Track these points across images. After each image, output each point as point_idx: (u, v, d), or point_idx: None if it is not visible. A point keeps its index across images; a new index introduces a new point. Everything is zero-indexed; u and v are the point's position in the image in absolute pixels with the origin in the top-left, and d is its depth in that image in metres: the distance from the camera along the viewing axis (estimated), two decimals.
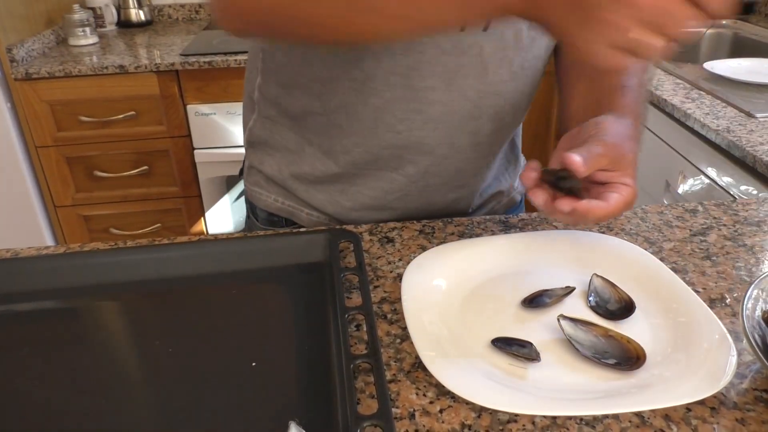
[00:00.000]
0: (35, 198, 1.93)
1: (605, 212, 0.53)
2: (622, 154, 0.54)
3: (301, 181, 0.74)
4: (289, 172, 0.74)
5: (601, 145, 0.54)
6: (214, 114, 1.87)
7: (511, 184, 0.84)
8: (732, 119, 1.23)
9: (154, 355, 0.52)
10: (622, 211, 0.54)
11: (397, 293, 0.58)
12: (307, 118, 0.70)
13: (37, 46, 1.90)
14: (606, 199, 0.53)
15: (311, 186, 0.74)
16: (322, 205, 0.74)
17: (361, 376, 0.48)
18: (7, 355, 0.52)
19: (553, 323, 0.52)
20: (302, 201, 0.75)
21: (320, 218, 0.75)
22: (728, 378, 0.45)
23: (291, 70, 0.69)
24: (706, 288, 0.59)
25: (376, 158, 0.69)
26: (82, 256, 0.63)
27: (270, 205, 0.78)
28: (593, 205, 0.52)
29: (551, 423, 0.44)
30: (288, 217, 0.77)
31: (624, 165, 0.55)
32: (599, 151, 0.53)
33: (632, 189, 0.54)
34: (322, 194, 0.74)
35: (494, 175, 0.79)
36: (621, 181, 0.54)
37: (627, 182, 0.54)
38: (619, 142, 0.55)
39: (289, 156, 0.74)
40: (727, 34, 1.98)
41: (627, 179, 0.55)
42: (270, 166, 0.76)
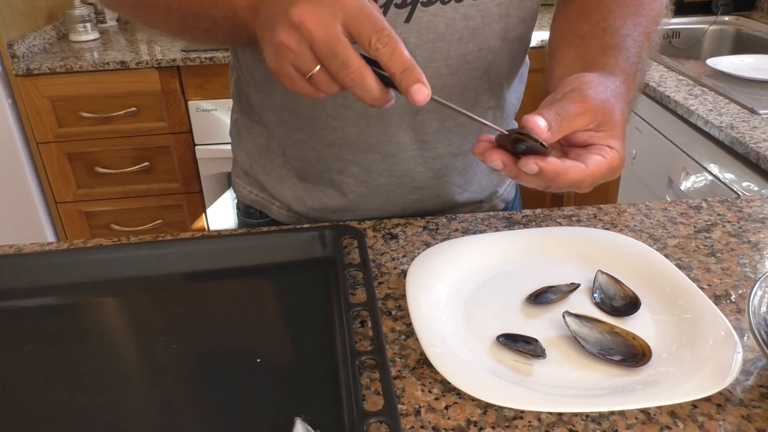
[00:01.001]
0: (36, 194, 1.93)
1: (582, 175, 0.47)
2: (607, 112, 0.48)
3: (270, 175, 0.75)
4: (259, 165, 0.75)
5: (579, 102, 0.48)
6: (215, 110, 1.87)
7: (494, 192, 0.79)
8: (735, 116, 1.23)
9: (159, 351, 0.52)
10: (604, 176, 0.48)
11: (401, 290, 0.58)
12: (265, 114, 0.71)
13: (38, 41, 1.90)
14: (585, 161, 0.47)
15: (278, 182, 0.74)
16: (288, 201, 0.75)
17: (366, 373, 0.48)
18: (10, 351, 0.52)
19: (558, 320, 0.52)
20: (271, 194, 0.76)
21: (289, 214, 0.76)
22: (734, 375, 0.45)
23: (250, 67, 0.70)
24: (711, 285, 0.59)
25: (323, 156, 0.69)
26: (85, 252, 0.63)
27: (245, 197, 0.79)
28: (567, 165, 0.46)
29: (557, 419, 0.44)
30: (261, 209, 0.78)
31: (610, 125, 0.49)
32: (575, 110, 0.47)
33: (618, 153, 0.48)
34: (288, 191, 0.74)
35: (468, 180, 0.74)
36: (605, 143, 0.49)
37: (612, 144, 0.48)
38: (605, 98, 0.49)
39: (258, 150, 0.75)
40: (729, 31, 1.97)
41: (612, 141, 0.49)
42: (243, 160, 0.77)
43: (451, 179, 0.73)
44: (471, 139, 0.71)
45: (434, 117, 0.66)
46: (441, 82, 0.63)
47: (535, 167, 0.46)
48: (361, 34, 0.42)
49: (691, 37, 1.98)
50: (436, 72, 0.62)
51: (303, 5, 0.42)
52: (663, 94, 1.39)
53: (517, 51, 0.68)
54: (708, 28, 1.96)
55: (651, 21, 0.62)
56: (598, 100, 0.49)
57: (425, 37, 0.60)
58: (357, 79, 0.43)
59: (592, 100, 0.48)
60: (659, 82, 1.46)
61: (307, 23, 0.41)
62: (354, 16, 0.42)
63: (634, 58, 0.57)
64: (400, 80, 0.42)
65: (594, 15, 0.61)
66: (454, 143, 0.69)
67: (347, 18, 0.42)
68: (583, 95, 0.49)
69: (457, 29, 0.60)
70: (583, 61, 0.57)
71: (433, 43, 0.60)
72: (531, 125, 0.46)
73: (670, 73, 1.53)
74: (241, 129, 0.77)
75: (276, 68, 0.45)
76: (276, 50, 0.43)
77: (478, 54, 0.63)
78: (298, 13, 0.42)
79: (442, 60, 0.61)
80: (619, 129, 0.50)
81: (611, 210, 0.72)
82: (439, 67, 0.62)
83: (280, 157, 0.72)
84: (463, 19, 0.60)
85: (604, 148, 0.49)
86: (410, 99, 0.43)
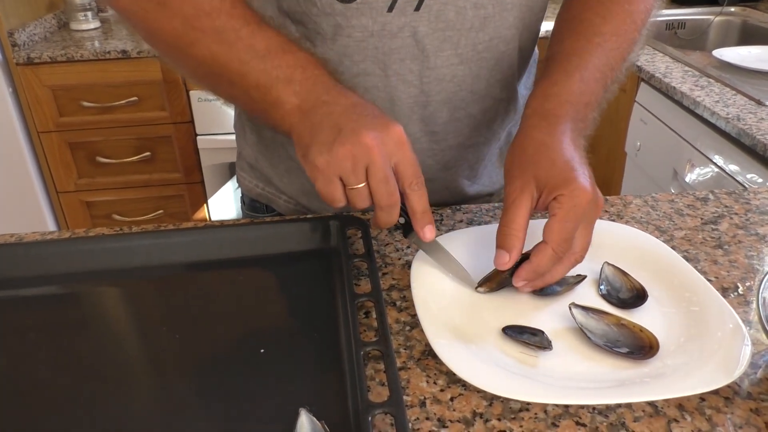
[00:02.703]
0: (37, 183, 1.92)
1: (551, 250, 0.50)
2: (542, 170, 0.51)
3: (276, 168, 0.74)
4: (265, 159, 0.74)
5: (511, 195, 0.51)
6: (217, 100, 1.86)
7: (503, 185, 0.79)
8: (742, 107, 1.22)
9: (161, 342, 0.52)
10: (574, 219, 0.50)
11: (405, 280, 0.58)
12: None
13: (39, 30, 1.89)
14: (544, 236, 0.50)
15: (284, 175, 0.73)
16: (295, 194, 0.74)
17: (371, 364, 0.48)
18: (12, 340, 0.52)
19: (565, 311, 0.52)
20: (277, 188, 0.75)
21: (297, 207, 0.75)
22: (742, 368, 0.44)
23: None
24: (719, 277, 0.58)
25: None
26: (87, 241, 0.62)
27: (251, 191, 0.78)
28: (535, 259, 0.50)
29: (563, 411, 0.44)
30: (267, 203, 0.77)
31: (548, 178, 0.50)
32: (513, 213, 0.51)
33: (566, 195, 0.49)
34: (294, 184, 0.73)
35: (478, 173, 0.75)
36: (552, 197, 0.50)
37: (557, 193, 0.50)
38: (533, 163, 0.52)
39: (264, 143, 0.74)
40: (735, 22, 1.96)
41: (555, 191, 0.50)
42: (249, 154, 0.76)
43: (461, 171, 0.72)
44: (482, 131, 0.70)
45: (444, 108, 0.65)
46: (451, 72, 0.62)
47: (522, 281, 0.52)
48: (407, 174, 0.50)
49: (697, 28, 1.96)
50: (446, 61, 0.61)
51: (374, 132, 0.48)
52: (669, 85, 1.38)
53: (529, 41, 0.67)
54: (714, 19, 1.95)
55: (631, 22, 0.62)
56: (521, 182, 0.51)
57: (435, 26, 0.59)
58: (392, 206, 0.51)
59: (516, 189, 0.51)
60: (665, 73, 1.45)
61: (375, 149, 0.48)
62: (407, 160, 0.50)
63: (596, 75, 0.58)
64: (419, 219, 0.52)
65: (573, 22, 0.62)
66: (464, 134, 0.68)
67: (402, 159, 0.50)
68: (508, 193, 0.52)
69: (468, 18, 0.59)
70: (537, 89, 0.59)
71: (443, 32, 0.59)
72: (499, 267, 0.52)
73: (675, 64, 1.52)
74: (246, 122, 0.76)
75: (323, 167, 0.49)
76: (333, 156, 0.48)
77: (489, 44, 0.62)
78: (371, 137, 0.48)
79: (453, 49, 0.61)
80: (556, 172, 0.51)
81: (617, 201, 0.71)
82: (449, 57, 0.61)
83: (285, 150, 0.71)
84: (474, 7, 0.59)
85: (552, 205, 0.50)
86: (421, 236, 0.53)
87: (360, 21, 0.58)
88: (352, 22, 0.58)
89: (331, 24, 0.58)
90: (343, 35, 0.59)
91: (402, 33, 0.59)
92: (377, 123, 0.50)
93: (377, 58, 0.60)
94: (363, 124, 0.49)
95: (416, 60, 0.60)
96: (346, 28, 0.58)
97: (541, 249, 0.50)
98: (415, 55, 0.60)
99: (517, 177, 0.52)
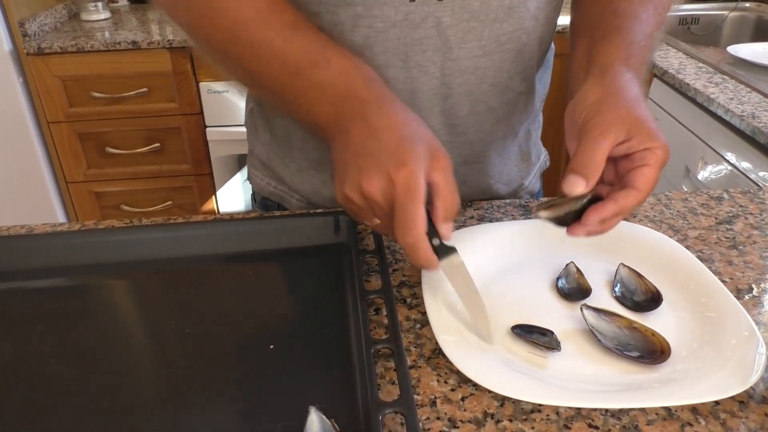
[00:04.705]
0: (47, 173, 1.93)
1: (639, 198, 0.49)
2: (626, 120, 0.49)
3: (288, 168, 0.73)
4: (278, 157, 0.73)
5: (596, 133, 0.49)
6: (226, 92, 1.86)
7: (521, 184, 0.78)
8: (757, 105, 1.21)
9: (170, 335, 0.51)
10: (657, 177, 0.49)
11: (416, 277, 0.57)
12: None
13: (50, 20, 1.89)
14: (634, 182, 0.48)
15: (297, 174, 0.72)
16: (307, 194, 0.73)
17: (381, 362, 0.48)
18: (22, 331, 0.52)
19: (576, 313, 0.51)
20: (290, 187, 0.74)
21: (308, 206, 0.74)
22: (756, 376, 0.43)
23: None
24: (733, 278, 0.57)
25: None
26: (97, 233, 0.62)
27: (263, 189, 0.77)
28: (620, 201, 0.49)
29: (576, 413, 0.44)
30: (279, 201, 0.76)
31: (637, 128, 0.49)
32: (597, 145, 0.48)
33: (659, 147, 0.49)
34: (306, 184, 0.72)
35: (498, 169, 0.73)
36: (643, 147, 0.49)
37: (649, 144, 0.49)
38: (621, 106, 0.50)
39: (277, 142, 0.73)
40: (750, 17, 1.93)
41: (647, 142, 0.49)
42: (261, 152, 0.76)
43: (482, 167, 0.72)
44: (502, 126, 0.69)
45: (465, 101, 0.64)
46: (474, 64, 0.61)
47: (597, 219, 0.49)
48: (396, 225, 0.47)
49: (711, 23, 1.94)
50: (470, 53, 0.60)
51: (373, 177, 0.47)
52: (682, 82, 1.37)
53: (548, 33, 0.66)
54: (728, 15, 1.92)
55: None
56: (613, 118, 0.49)
57: (459, 17, 0.58)
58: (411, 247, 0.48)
59: (606, 122, 0.49)
60: (678, 69, 1.43)
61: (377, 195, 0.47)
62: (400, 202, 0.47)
63: (636, 37, 0.57)
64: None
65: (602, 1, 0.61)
66: (485, 129, 0.67)
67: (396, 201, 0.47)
68: (594, 124, 0.49)
69: (492, 8, 0.58)
70: (588, 54, 0.57)
71: (467, 23, 0.58)
72: (570, 190, 0.49)
73: (689, 60, 1.50)
74: (258, 120, 0.75)
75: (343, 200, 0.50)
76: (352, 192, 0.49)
77: (512, 35, 0.61)
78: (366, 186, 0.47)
79: (476, 41, 0.60)
80: (646, 125, 0.49)
81: None
82: (473, 49, 0.60)
83: (298, 149, 0.70)
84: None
85: (644, 154, 0.49)
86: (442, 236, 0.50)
87: (382, 11, 0.57)
88: (373, 11, 0.57)
89: (351, 14, 0.57)
90: (364, 26, 0.58)
91: (425, 23, 0.58)
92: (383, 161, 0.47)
93: (398, 49, 0.59)
94: (367, 164, 0.48)
95: (438, 51, 0.59)
96: (367, 18, 0.57)
97: (630, 194, 0.49)
98: (437, 47, 0.59)
99: (605, 114, 0.50)
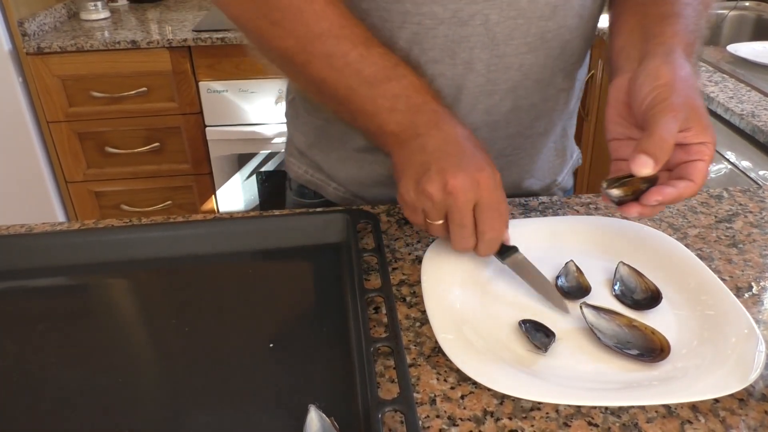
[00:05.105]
0: (47, 173, 1.93)
1: (694, 189, 0.50)
2: (690, 108, 0.49)
3: (327, 156, 0.74)
4: (317, 146, 0.74)
5: (670, 112, 0.49)
6: (226, 91, 1.86)
7: (554, 180, 0.78)
8: (756, 103, 1.21)
9: (170, 334, 0.51)
10: (708, 172, 0.51)
11: (416, 276, 0.57)
12: None
13: (49, 20, 1.89)
14: (691, 175, 0.50)
15: (335, 162, 0.73)
16: (345, 181, 0.74)
17: (381, 360, 0.48)
18: (22, 330, 0.52)
19: (576, 311, 0.51)
20: (329, 175, 0.75)
21: (345, 193, 0.75)
22: (756, 374, 0.43)
23: None
24: (733, 276, 0.57)
25: None
26: (97, 232, 0.62)
27: (300, 177, 0.79)
28: (681, 188, 0.49)
29: (575, 411, 0.44)
30: (316, 189, 0.78)
31: (695, 119, 0.50)
32: (669, 128, 0.48)
33: (711, 143, 0.50)
34: (344, 171, 0.73)
35: (537, 166, 0.74)
36: (698, 140, 0.50)
37: (703, 139, 0.50)
38: (685, 96, 0.50)
39: (317, 131, 0.74)
40: (749, 16, 1.93)
41: (702, 135, 0.50)
42: (300, 141, 0.77)
43: (517, 161, 0.71)
44: (543, 121, 0.69)
45: (509, 96, 0.64)
46: (519, 61, 0.61)
47: (656, 200, 0.50)
48: (485, 220, 0.52)
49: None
50: (515, 50, 0.61)
51: (460, 175, 0.50)
52: None
53: (590, 30, 0.67)
54: (728, 14, 1.92)
55: None
56: (681, 103, 0.49)
57: (507, 14, 0.58)
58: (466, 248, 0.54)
59: (678, 106, 0.49)
60: None
61: (455, 194, 0.50)
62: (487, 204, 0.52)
63: (693, 26, 0.57)
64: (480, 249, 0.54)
65: None
66: (524, 124, 0.68)
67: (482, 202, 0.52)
68: (669, 105, 0.49)
69: (539, 6, 0.59)
70: (641, 31, 0.57)
71: (514, 20, 0.59)
72: (640, 170, 0.49)
73: None
74: (299, 109, 0.76)
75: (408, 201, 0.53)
76: (418, 194, 0.52)
77: (557, 32, 0.61)
78: (453, 182, 0.50)
79: (522, 38, 0.60)
80: (703, 119, 0.50)
81: None
82: (519, 46, 0.60)
83: (339, 140, 0.71)
84: None
85: (700, 148, 0.50)
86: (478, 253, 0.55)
87: (430, 8, 0.57)
88: (422, 9, 0.58)
89: (400, 11, 0.58)
90: (413, 23, 0.59)
91: (473, 21, 0.58)
92: (465, 164, 0.51)
93: (446, 46, 0.60)
94: (451, 164, 0.51)
95: (485, 48, 0.60)
96: (416, 15, 0.58)
97: (689, 185, 0.50)
98: (484, 44, 0.60)
99: (676, 97, 0.50)
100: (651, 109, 0.50)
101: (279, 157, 2.01)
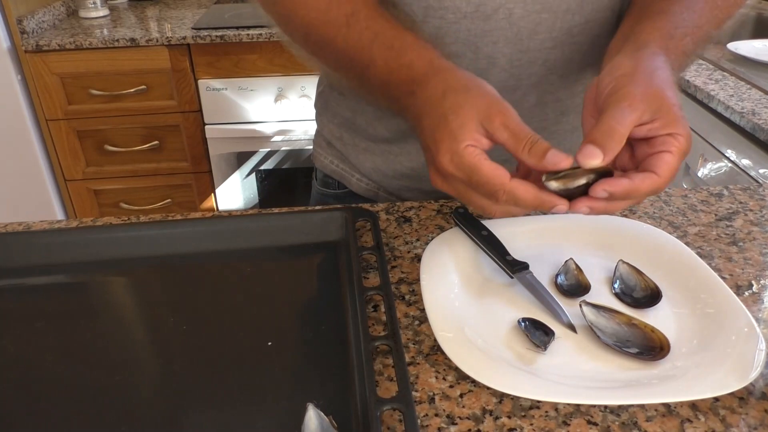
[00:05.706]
0: (46, 171, 1.93)
1: (657, 184, 0.45)
2: (655, 99, 0.45)
3: (354, 147, 0.75)
4: (346, 137, 0.75)
5: (624, 103, 0.45)
6: (225, 89, 1.85)
7: None
8: (757, 101, 1.20)
9: (169, 332, 0.51)
10: (678, 166, 0.46)
11: (414, 274, 0.57)
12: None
13: (48, 17, 1.88)
14: (654, 167, 0.45)
15: (361, 153, 0.74)
16: (368, 172, 0.75)
17: (379, 358, 0.47)
18: (20, 328, 0.52)
19: (575, 309, 0.51)
20: (353, 166, 0.76)
21: (369, 185, 0.76)
22: (756, 373, 0.43)
23: None
24: (733, 274, 0.57)
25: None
26: (95, 230, 0.62)
27: (326, 167, 0.80)
28: (637, 181, 0.45)
29: (575, 410, 0.43)
30: (340, 179, 0.79)
31: (664, 110, 0.45)
32: (622, 116, 0.44)
33: (682, 135, 0.46)
34: (369, 162, 0.74)
35: None
36: (666, 132, 0.45)
37: (673, 130, 0.45)
38: (648, 86, 0.46)
39: (346, 123, 0.74)
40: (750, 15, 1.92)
41: (672, 127, 0.45)
42: (329, 131, 0.78)
43: None
44: (569, 117, 0.67)
45: (533, 92, 0.63)
46: (543, 56, 0.60)
47: (605, 191, 0.45)
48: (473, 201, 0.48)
49: None
50: (540, 45, 0.59)
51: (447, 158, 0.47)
52: (682, 78, 1.36)
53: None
54: None
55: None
56: (641, 92, 0.46)
57: (531, 8, 0.57)
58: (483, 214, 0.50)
59: (636, 96, 0.45)
60: None
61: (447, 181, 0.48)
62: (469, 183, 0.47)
63: (682, 23, 0.53)
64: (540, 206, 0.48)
65: None
66: (550, 119, 0.66)
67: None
68: (624, 94, 0.46)
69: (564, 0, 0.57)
70: (628, 32, 0.54)
71: (538, 14, 0.58)
72: (584, 162, 0.45)
73: None
74: (329, 101, 0.77)
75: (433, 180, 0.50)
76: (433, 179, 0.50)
77: (585, 27, 0.60)
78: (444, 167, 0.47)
79: (547, 32, 0.59)
80: (673, 110, 0.46)
81: None
82: (544, 40, 0.59)
83: (365, 131, 0.72)
84: None
85: (667, 140, 0.45)
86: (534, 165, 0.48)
87: (453, 2, 0.57)
88: (444, 3, 0.57)
89: (423, 5, 0.57)
90: (435, 17, 0.58)
91: (496, 15, 0.57)
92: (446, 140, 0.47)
93: (469, 41, 0.59)
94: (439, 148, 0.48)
95: (509, 43, 0.59)
96: (438, 9, 0.57)
97: (647, 177, 0.45)
98: (508, 38, 0.59)
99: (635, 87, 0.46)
100: (606, 100, 0.47)
101: (278, 156, 2.00)
